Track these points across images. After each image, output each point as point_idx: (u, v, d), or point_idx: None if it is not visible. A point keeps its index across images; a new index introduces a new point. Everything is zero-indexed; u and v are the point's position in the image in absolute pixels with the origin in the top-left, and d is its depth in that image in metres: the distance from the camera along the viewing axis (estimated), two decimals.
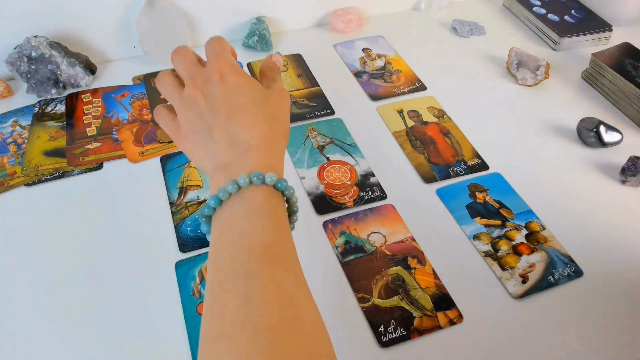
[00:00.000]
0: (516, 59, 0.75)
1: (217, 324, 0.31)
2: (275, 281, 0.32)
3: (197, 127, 0.42)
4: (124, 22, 0.72)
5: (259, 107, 0.43)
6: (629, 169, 0.59)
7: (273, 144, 0.42)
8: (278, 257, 0.34)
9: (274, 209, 0.37)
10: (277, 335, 0.29)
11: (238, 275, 0.33)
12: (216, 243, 0.36)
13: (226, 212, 0.37)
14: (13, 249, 0.51)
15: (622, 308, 0.48)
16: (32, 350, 0.44)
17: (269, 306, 0.31)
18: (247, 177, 0.37)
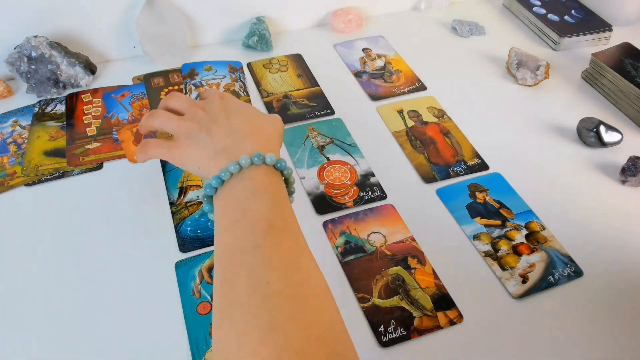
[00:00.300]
0: (516, 59, 0.75)
1: (229, 294, 0.33)
2: (280, 250, 0.35)
3: (195, 132, 0.44)
4: (124, 22, 0.72)
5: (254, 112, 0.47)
6: (629, 169, 0.59)
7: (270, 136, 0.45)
8: (281, 229, 0.36)
9: (275, 187, 0.40)
10: (283, 298, 0.32)
11: (245, 249, 0.35)
12: (221, 221, 0.38)
13: (228, 191, 0.39)
14: (13, 248, 0.51)
15: (622, 308, 0.48)
16: (32, 350, 0.44)
17: (275, 273, 0.33)
18: (248, 157, 0.39)
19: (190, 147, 0.44)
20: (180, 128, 0.45)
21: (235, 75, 0.73)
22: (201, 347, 0.44)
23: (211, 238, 0.52)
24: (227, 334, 0.31)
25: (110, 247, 0.52)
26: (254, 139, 0.42)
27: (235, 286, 0.33)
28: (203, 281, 0.49)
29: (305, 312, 0.32)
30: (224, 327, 0.32)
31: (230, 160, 0.40)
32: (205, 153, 0.43)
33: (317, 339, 0.30)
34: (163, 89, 0.70)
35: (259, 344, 0.29)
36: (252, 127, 0.44)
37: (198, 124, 0.44)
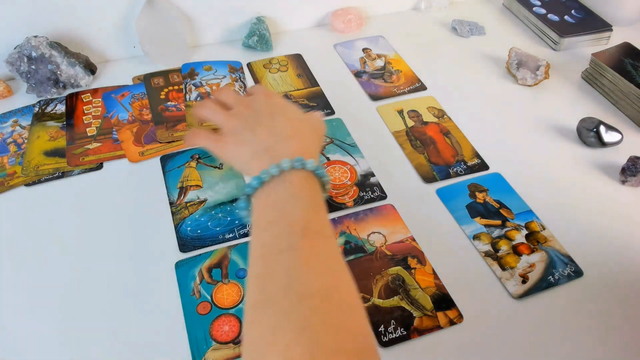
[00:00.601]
0: (516, 59, 0.75)
1: (262, 291, 0.34)
2: (315, 254, 0.35)
3: (240, 130, 0.46)
4: (124, 22, 0.72)
5: (299, 114, 0.48)
6: (629, 169, 0.59)
7: (311, 138, 0.46)
8: (317, 233, 0.37)
9: (313, 192, 0.41)
10: (317, 300, 0.32)
11: (281, 249, 0.35)
12: (258, 220, 0.39)
13: (268, 192, 0.40)
14: (13, 249, 0.51)
15: (622, 308, 0.48)
16: (32, 350, 0.44)
17: (310, 275, 0.34)
18: (289, 161, 0.40)
19: (234, 143, 0.45)
20: (226, 123, 0.47)
21: (235, 75, 0.73)
22: (201, 347, 0.44)
23: (211, 238, 0.52)
24: (260, 331, 0.32)
25: (110, 247, 0.52)
26: (296, 142, 0.43)
27: (270, 283, 0.34)
28: (203, 281, 0.49)
29: (339, 316, 0.32)
30: (257, 322, 0.33)
31: (271, 162, 0.41)
32: (247, 151, 0.44)
33: (349, 343, 0.31)
34: (163, 89, 0.70)
35: (291, 343, 0.30)
36: (294, 130, 0.45)
37: (243, 122, 0.46)
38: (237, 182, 0.58)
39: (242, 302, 0.47)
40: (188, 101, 0.68)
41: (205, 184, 0.58)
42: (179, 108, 0.67)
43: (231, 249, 0.52)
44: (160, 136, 0.63)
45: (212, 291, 0.48)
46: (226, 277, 0.49)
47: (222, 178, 0.59)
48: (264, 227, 0.38)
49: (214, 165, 0.60)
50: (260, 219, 0.39)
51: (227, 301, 0.47)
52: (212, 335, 0.45)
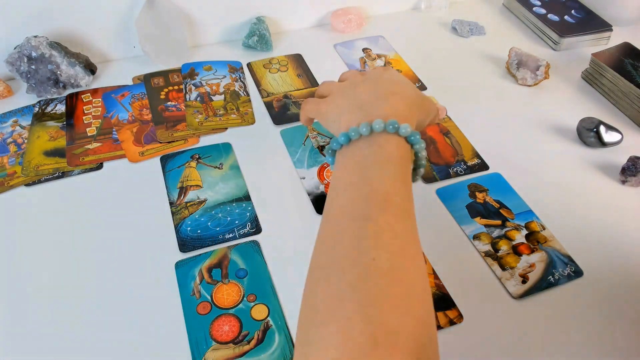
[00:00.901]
0: (516, 59, 0.75)
1: (329, 254, 0.32)
2: (392, 231, 0.33)
3: (345, 88, 0.44)
4: (124, 22, 0.72)
5: (409, 84, 0.45)
6: (629, 169, 0.59)
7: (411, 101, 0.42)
8: (397, 207, 0.34)
9: (402, 160, 0.37)
10: (387, 279, 0.30)
11: (356, 216, 0.33)
12: (338, 180, 0.37)
13: (353, 151, 0.38)
14: (13, 249, 0.51)
15: (622, 308, 0.48)
16: (32, 350, 0.44)
17: (382, 252, 0.31)
18: (382, 122, 0.37)
19: (334, 99, 0.44)
20: (334, 87, 0.46)
21: (235, 75, 0.73)
22: (201, 347, 0.44)
23: (211, 238, 0.52)
24: (324, 293, 0.31)
25: (110, 247, 0.52)
26: (394, 102, 0.40)
27: (339, 249, 0.32)
28: (203, 281, 0.49)
29: (405, 298, 0.31)
30: (321, 285, 0.31)
31: (363, 120, 0.38)
32: (344, 104, 0.42)
33: (412, 327, 0.30)
34: (163, 89, 0.70)
35: (354, 317, 0.29)
36: (397, 89, 0.42)
37: (350, 83, 0.45)
38: (237, 182, 0.58)
39: (242, 302, 0.47)
40: (188, 101, 0.68)
41: (205, 184, 0.58)
42: (179, 108, 0.67)
43: (231, 249, 0.52)
44: (160, 136, 0.63)
45: (212, 291, 0.48)
46: (226, 277, 0.49)
47: (222, 178, 0.59)
48: (344, 188, 0.36)
49: (214, 165, 0.60)
50: (341, 178, 0.37)
51: (227, 301, 0.47)
52: (212, 335, 0.45)
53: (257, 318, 0.46)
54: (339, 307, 0.29)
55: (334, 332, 0.29)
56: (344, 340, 0.28)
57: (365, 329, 0.28)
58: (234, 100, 0.69)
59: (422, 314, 0.31)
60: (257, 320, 0.46)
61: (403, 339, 0.29)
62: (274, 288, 0.48)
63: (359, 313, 0.29)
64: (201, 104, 0.68)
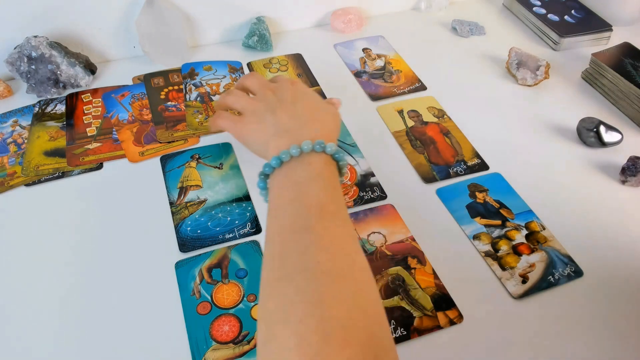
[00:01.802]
0: (516, 59, 0.75)
1: (279, 269, 0.35)
2: (331, 234, 0.36)
3: (261, 111, 0.47)
4: (124, 22, 0.72)
5: (320, 102, 0.49)
6: (629, 169, 0.59)
7: (330, 125, 0.47)
8: (333, 215, 0.38)
9: (331, 175, 0.42)
10: (331, 278, 0.33)
11: (298, 229, 0.36)
12: (276, 200, 0.41)
13: (286, 172, 0.41)
14: (13, 249, 0.51)
15: (622, 308, 0.48)
16: (32, 350, 0.44)
17: (325, 254, 0.35)
18: (310, 143, 0.41)
19: (254, 124, 0.47)
20: (248, 106, 0.49)
21: (236, 76, 0.73)
22: (201, 347, 0.44)
23: (211, 238, 0.52)
24: (275, 305, 0.33)
25: (110, 247, 0.52)
26: (316, 126, 0.45)
27: (287, 262, 0.35)
28: (203, 281, 0.49)
29: (351, 293, 0.33)
30: (272, 298, 0.34)
31: (292, 143, 0.42)
32: (267, 131, 0.45)
33: (360, 319, 0.32)
34: (163, 89, 0.70)
35: (305, 316, 0.31)
36: (315, 115, 0.46)
37: (265, 104, 0.48)
38: (237, 182, 0.58)
39: (242, 302, 0.47)
40: (188, 101, 0.68)
41: (205, 184, 0.58)
42: (179, 108, 0.67)
43: (231, 249, 0.52)
44: (160, 136, 0.63)
45: (212, 291, 0.48)
46: (226, 277, 0.49)
47: (222, 178, 0.59)
48: (282, 207, 0.39)
49: (214, 165, 0.60)
50: (278, 198, 0.40)
51: (227, 301, 0.47)
52: (212, 335, 0.45)
53: (257, 318, 0.46)
54: (291, 312, 0.32)
55: (289, 335, 0.31)
56: (299, 342, 0.30)
57: (317, 328, 0.30)
58: None
59: (369, 306, 0.34)
60: (257, 320, 0.46)
61: (353, 332, 0.31)
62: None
63: (309, 314, 0.31)
64: (201, 104, 0.68)
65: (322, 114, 0.48)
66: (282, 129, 0.44)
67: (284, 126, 0.45)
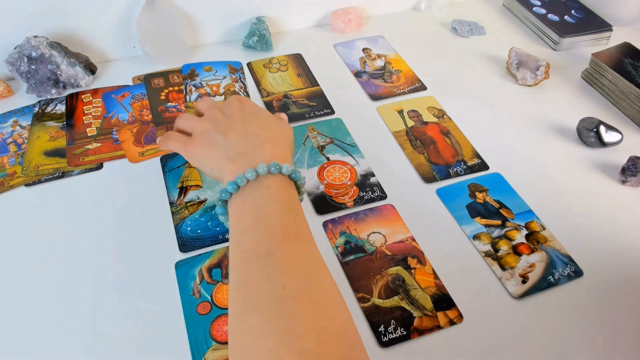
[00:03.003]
0: (516, 59, 0.75)
1: (245, 299, 0.34)
2: (295, 258, 0.36)
3: (212, 133, 0.46)
4: (124, 22, 0.72)
5: (270, 119, 0.49)
6: (629, 169, 0.59)
7: (283, 143, 0.46)
8: (295, 236, 0.37)
9: (289, 196, 0.41)
10: (298, 303, 0.32)
11: (260, 254, 0.35)
12: (236, 226, 0.40)
13: (244, 197, 0.41)
14: (13, 248, 0.51)
15: (622, 308, 0.48)
16: (32, 349, 0.44)
17: (290, 279, 0.34)
18: (265, 166, 0.41)
19: (205, 146, 0.46)
20: (197, 127, 0.48)
21: (236, 76, 0.73)
22: (201, 347, 0.44)
23: (211, 238, 0.52)
24: (245, 337, 0.32)
25: (110, 247, 0.52)
26: (270, 147, 0.44)
27: (251, 291, 0.34)
28: (203, 281, 0.49)
29: (319, 318, 0.33)
30: (241, 330, 0.33)
31: (247, 167, 0.41)
32: (220, 155, 0.44)
33: (332, 343, 0.31)
34: (163, 90, 0.70)
35: (275, 347, 0.30)
36: (267, 135, 0.45)
37: (215, 125, 0.47)
38: None
39: None
40: (188, 102, 0.68)
41: (205, 184, 0.58)
42: (179, 109, 0.67)
43: None
44: None
45: (212, 291, 0.48)
46: (226, 277, 0.49)
47: None
48: (243, 233, 0.38)
49: None
50: (238, 224, 0.40)
51: (227, 301, 0.47)
52: (212, 335, 0.45)
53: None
54: (261, 343, 0.31)
55: None
56: None
57: (288, 358, 0.30)
58: None
59: (339, 327, 0.33)
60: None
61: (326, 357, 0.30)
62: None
63: (279, 344, 0.30)
64: None
65: (274, 132, 0.47)
66: (235, 152, 0.43)
67: (237, 149, 0.44)
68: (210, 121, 0.47)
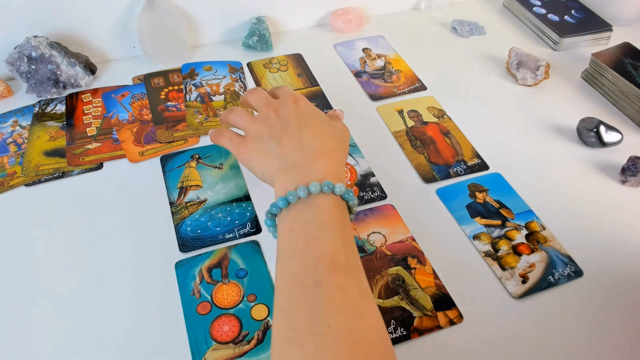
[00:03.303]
0: (516, 59, 0.75)
1: (288, 328, 0.33)
2: (342, 291, 0.34)
3: (265, 137, 0.45)
4: (124, 22, 0.72)
5: (326, 124, 0.47)
6: (629, 169, 0.59)
7: (338, 154, 0.45)
8: (344, 267, 0.36)
9: (341, 218, 0.39)
10: (343, 344, 0.31)
11: (307, 283, 0.34)
12: (284, 246, 0.38)
13: (294, 216, 0.39)
14: (13, 249, 0.51)
15: (622, 308, 0.48)
16: (32, 349, 0.44)
17: (336, 317, 0.32)
18: (318, 185, 0.39)
19: (258, 151, 0.45)
20: (250, 128, 0.46)
21: (236, 76, 0.73)
22: (201, 347, 0.44)
23: (211, 238, 0.52)
24: None
25: (110, 247, 0.52)
26: (324, 162, 0.42)
27: (296, 322, 0.33)
28: (203, 281, 0.49)
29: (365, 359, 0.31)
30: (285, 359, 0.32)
31: (299, 183, 0.40)
32: (273, 162, 0.43)
33: None
34: (163, 89, 0.70)
35: None
36: (322, 146, 0.44)
37: (268, 129, 0.45)
38: (237, 182, 0.58)
39: (242, 302, 0.47)
40: (188, 101, 0.68)
41: (205, 184, 0.58)
42: (179, 108, 0.67)
43: (231, 249, 0.52)
44: (160, 136, 0.63)
45: (212, 291, 0.48)
46: (226, 277, 0.49)
47: (222, 178, 0.59)
48: (291, 254, 0.37)
49: (214, 165, 0.60)
50: (286, 244, 0.38)
51: (227, 301, 0.47)
52: (212, 335, 0.45)
53: (257, 318, 0.46)
54: None
55: None
56: None
57: None
58: (234, 101, 0.69)
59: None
60: (257, 320, 0.46)
61: None
62: (274, 288, 0.48)
63: None
64: (201, 104, 0.68)
65: (328, 142, 0.45)
66: (289, 164, 0.42)
67: (290, 160, 0.42)
68: (264, 124, 0.46)
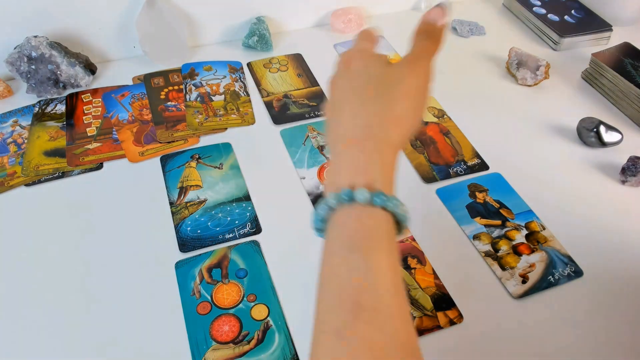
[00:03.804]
0: (516, 59, 0.75)
1: None
2: (367, 344, 0.28)
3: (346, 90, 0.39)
4: (124, 22, 0.72)
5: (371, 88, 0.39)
6: (629, 169, 0.59)
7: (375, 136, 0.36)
8: (371, 310, 0.29)
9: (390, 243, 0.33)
10: None
11: (329, 330, 0.29)
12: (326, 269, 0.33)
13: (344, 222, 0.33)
14: (13, 249, 0.51)
15: (622, 308, 0.48)
16: (32, 349, 0.44)
17: None
18: (367, 192, 0.33)
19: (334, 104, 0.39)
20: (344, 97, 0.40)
21: (236, 76, 0.73)
22: (201, 347, 0.44)
23: (211, 238, 0.52)
24: None
25: (110, 247, 0.52)
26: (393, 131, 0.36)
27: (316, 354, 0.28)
28: (203, 281, 0.49)
29: None
30: None
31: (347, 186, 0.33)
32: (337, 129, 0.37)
33: None
34: (163, 89, 0.70)
35: None
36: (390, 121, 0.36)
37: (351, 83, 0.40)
38: (237, 182, 0.58)
39: (242, 302, 0.47)
40: (188, 101, 0.68)
41: (205, 184, 0.58)
42: (179, 108, 0.67)
43: (231, 249, 0.52)
44: (160, 136, 0.63)
45: (212, 291, 0.48)
46: (226, 277, 0.49)
47: (222, 178, 0.59)
48: (328, 276, 0.32)
49: (214, 165, 0.60)
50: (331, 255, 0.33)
51: (227, 301, 0.47)
52: (212, 335, 0.45)
53: (257, 318, 0.46)
54: None
55: None
56: None
57: None
58: (234, 101, 0.69)
59: None
60: (257, 320, 0.46)
61: None
62: (274, 288, 0.48)
63: None
64: (201, 104, 0.68)
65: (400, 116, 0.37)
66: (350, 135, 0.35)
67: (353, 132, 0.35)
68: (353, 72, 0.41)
